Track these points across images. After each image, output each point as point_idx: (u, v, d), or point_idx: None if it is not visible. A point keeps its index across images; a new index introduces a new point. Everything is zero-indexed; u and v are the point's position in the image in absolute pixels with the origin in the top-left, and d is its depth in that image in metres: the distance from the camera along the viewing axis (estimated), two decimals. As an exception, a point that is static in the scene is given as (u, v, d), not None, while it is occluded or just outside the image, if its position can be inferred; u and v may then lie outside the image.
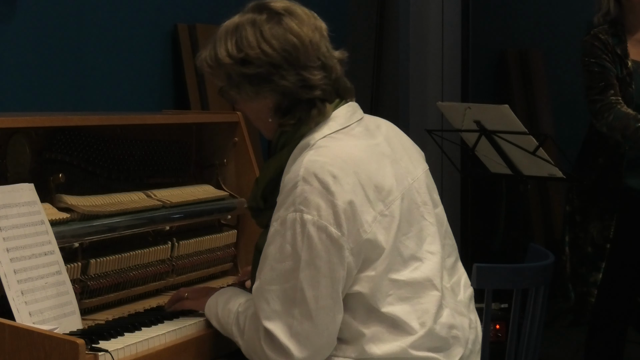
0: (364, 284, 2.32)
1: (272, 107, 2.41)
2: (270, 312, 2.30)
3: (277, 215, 2.32)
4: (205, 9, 5.14)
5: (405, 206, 2.39)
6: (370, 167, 2.35)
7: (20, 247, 2.36)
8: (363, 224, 2.30)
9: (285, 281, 2.29)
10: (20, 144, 2.60)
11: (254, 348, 2.36)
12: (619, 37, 4.08)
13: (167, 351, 2.41)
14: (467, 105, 4.30)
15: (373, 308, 2.33)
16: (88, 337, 2.29)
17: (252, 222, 3.22)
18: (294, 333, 2.29)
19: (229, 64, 2.38)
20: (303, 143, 2.38)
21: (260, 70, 2.36)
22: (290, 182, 2.31)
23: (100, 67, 4.44)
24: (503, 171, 4.32)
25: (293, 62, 2.36)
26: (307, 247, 2.27)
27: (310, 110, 2.39)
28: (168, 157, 3.11)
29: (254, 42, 2.36)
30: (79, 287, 2.60)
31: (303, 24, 2.38)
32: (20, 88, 4.00)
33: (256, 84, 2.38)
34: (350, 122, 2.42)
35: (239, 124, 3.24)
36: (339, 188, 2.28)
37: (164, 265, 2.91)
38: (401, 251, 2.36)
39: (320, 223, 2.26)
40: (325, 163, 2.30)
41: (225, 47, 2.39)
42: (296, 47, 2.36)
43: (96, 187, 2.80)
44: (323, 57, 2.39)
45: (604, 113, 4.02)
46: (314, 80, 2.37)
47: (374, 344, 2.33)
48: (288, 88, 2.37)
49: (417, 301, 2.36)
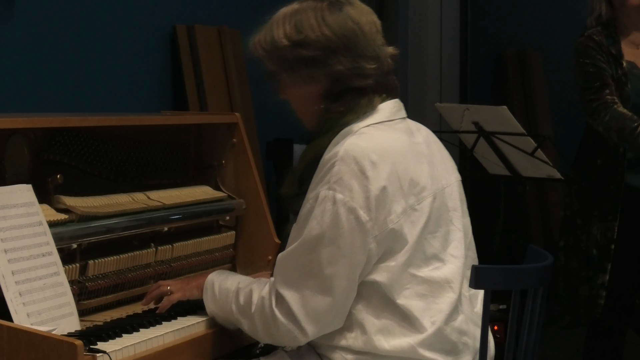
0: (383, 274, 2.34)
1: (322, 92, 2.44)
2: (287, 280, 2.33)
3: (312, 193, 2.35)
4: (204, 10, 5.14)
5: (436, 206, 2.42)
6: (409, 161, 2.39)
7: (18, 248, 2.36)
8: (391, 213, 2.33)
9: (307, 254, 2.32)
10: (18, 144, 2.60)
11: (262, 316, 2.37)
12: (612, 38, 4.08)
13: (165, 352, 2.41)
14: (466, 106, 4.30)
15: (388, 299, 2.34)
16: (86, 338, 2.29)
17: (250, 223, 3.23)
18: (304, 304, 2.32)
19: (286, 46, 2.42)
20: (346, 130, 2.42)
21: (318, 53, 2.40)
22: (328, 162, 2.34)
23: (99, 68, 4.44)
24: (501, 172, 4.32)
25: (350, 49, 2.40)
26: (333, 225, 2.30)
27: (361, 99, 2.43)
28: (166, 158, 3.10)
29: (315, 25, 2.40)
30: (77, 288, 2.60)
31: (362, 14, 2.44)
32: (18, 89, 3.99)
33: (311, 67, 2.41)
34: (394, 117, 2.47)
35: (237, 125, 3.24)
36: (375, 174, 2.31)
37: (162, 266, 2.91)
38: (425, 248, 2.39)
39: (351, 204, 2.30)
40: (365, 148, 2.34)
41: (284, 30, 2.43)
42: (355, 34, 2.41)
43: (94, 188, 2.80)
44: (378, 49, 2.44)
45: (600, 113, 4.02)
46: (368, 70, 2.42)
47: (383, 336, 2.34)
48: (342, 73, 2.40)
49: (432, 300, 2.38)
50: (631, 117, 3.96)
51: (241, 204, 3.22)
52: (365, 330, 2.35)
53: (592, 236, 4.13)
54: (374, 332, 2.35)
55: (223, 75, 5.15)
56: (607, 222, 4.09)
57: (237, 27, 5.22)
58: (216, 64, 5.11)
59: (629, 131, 3.96)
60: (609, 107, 3.99)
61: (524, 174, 4.27)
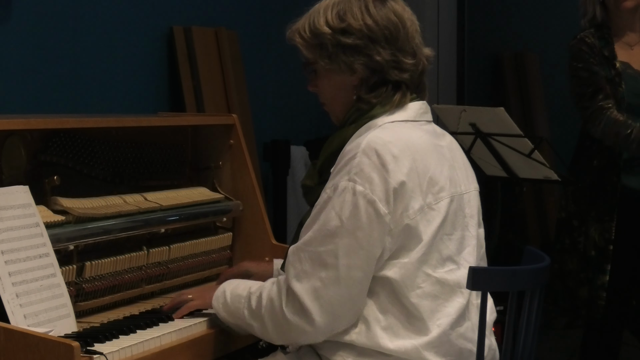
0: (395, 270, 2.34)
1: (357, 83, 2.45)
2: (300, 271, 2.33)
3: (331, 183, 2.36)
4: (201, 12, 5.14)
5: (453, 208, 2.42)
6: (430, 160, 2.40)
7: (15, 249, 2.35)
8: (409, 209, 2.33)
9: (322, 244, 2.32)
10: (15, 146, 2.60)
11: (273, 317, 2.36)
12: (605, 39, 4.09)
13: (162, 353, 2.40)
14: (463, 108, 4.30)
15: (397, 296, 2.34)
16: (83, 339, 2.29)
17: (247, 224, 3.24)
18: (318, 296, 2.31)
19: (327, 33, 2.44)
20: (371, 123, 2.44)
21: (359, 42, 2.42)
22: (350, 153, 2.35)
23: (96, 70, 4.44)
24: (499, 174, 4.32)
25: (391, 41, 2.43)
26: (352, 216, 2.30)
27: (394, 93, 2.45)
28: (164, 159, 3.10)
29: (358, 14, 2.43)
30: (74, 289, 2.59)
31: (405, 11, 2.49)
32: (15, 90, 3.99)
33: (351, 55, 2.43)
34: (420, 118, 2.48)
35: (234, 126, 3.24)
36: (395, 167, 2.32)
37: (159, 267, 2.91)
38: (441, 249, 2.39)
39: (370, 197, 2.30)
40: (388, 142, 2.35)
41: (325, 17, 2.45)
42: (397, 28, 2.44)
43: (91, 189, 2.79)
44: (416, 47, 2.47)
45: (595, 120, 4.02)
46: (406, 64, 2.44)
47: (387, 335, 2.34)
48: (380, 65, 2.43)
49: (442, 302, 2.38)
50: (625, 123, 3.97)
51: (238, 205, 3.21)
52: (370, 326, 2.35)
53: (589, 238, 4.13)
54: (379, 330, 2.34)
55: (220, 77, 5.15)
56: (604, 223, 4.09)
57: (234, 28, 5.22)
58: (213, 65, 5.11)
59: (623, 137, 3.97)
60: (603, 114, 4.00)
61: (521, 176, 4.27)
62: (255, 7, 5.35)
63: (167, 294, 2.90)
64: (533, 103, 7.13)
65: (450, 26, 6.66)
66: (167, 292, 2.93)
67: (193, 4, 5.09)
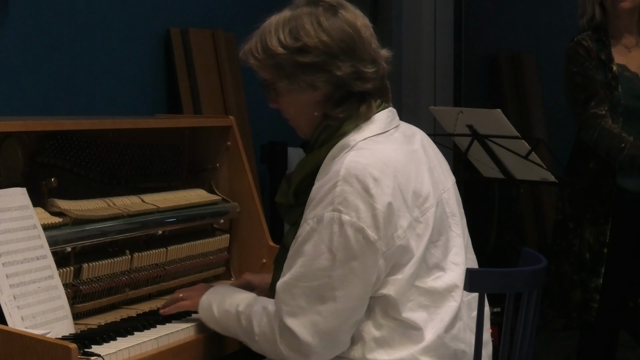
0: (390, 287, 2.33)
1: (320, 100, 2.40)
2: (295, 307, 2.30)
3: (312, 213, 2.32)
4: (198, 14, 5.14)
5: (439, 214, 2.40)
6: (410, 172, 2.37)
7: (12, 251, 2.35)
8: (398, 228, 2.31)
9: (316, 279, 2.29)
10: (12, 148, 2.60)
11: (270, 345, 2.35)
12: (602, 42, 4.09)
13: (159, 356, 2.40)
14: (460, 109, 4.30)
15: (392, 311, 2.33)
16: (80, 341, 2.29)
17: (244, 226, 3.23)
18: (318, 330, 2.29)
19: (282, 54, 2.38)
20: (343, 143, 2.39)
21: (317, 60, 2.37)
22: (329, 182, 2.31)
23: (93, 71, 4.44)
24: (496, 175, 4.32)
25: (349, 53, 2.37)
26: (343, 247, 2.27)
27: (360, 105, 2.40)
28: (161, 161, 3.10)
29: (311, 32, 2.37)
30: (72, 291, 2.59)
31: (357, 18, 2.42)
32: (12, 92, 3.99)
33: (310, 73, 2.38)
34: (389, 127, 2.44)
35: (231, 128, 3.24)
36: (379, 191, 2.29)
37: (156, 269, 2.91)
38: (427, 259, 2.37)
39: (358, 225, 2.27)
40: (367, 165, 2.30)
41: (278, 37, 2.39)
42: (352, 39, 2.38)
43: (89, 191, 2.79)
44: (374, 53, 2.42)
45: (589, 128, 4.03)
46: (368, 73, 2.39)
47: (383, 349, 2.34)
48: (342, 79, 2.38)
49: (434, 310, 2.37)
50: (619, 136, 3.97)
51: (235, 207, 3.21)
52: (365, 342, 2.35)
53: (584, 240, 4.14)
54: (373, 344, 2.34)
55: (217, 79, 5.15)
56: (599, 225, 4.09)
57: (231, 30, 5.23)
58: (210, 67, 5.11)
59: (616, 151, 3.97)
60: (598, 123, 4.00)
61: (518, 177, 4.27)
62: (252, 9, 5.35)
63: (164, 296, 2.90)
64: (530, 105, 7.13)
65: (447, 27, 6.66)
66: (164, 294, 2.92)
67: (190, 6, 5.09)
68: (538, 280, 2.48)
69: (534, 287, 2.47)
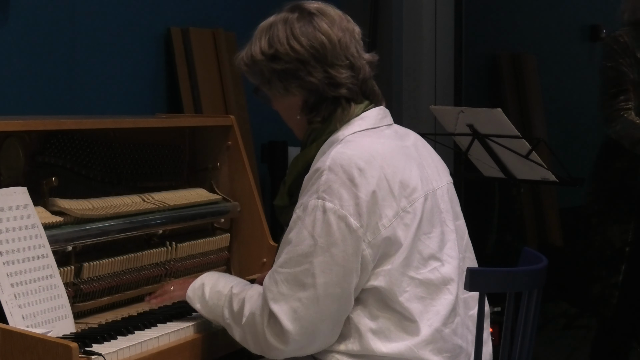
0: (381, 278, 2.34)
1: (301, 104, 2.46)
2: (277, 294, 2.33)
3: (300, 202, 2.36)
4: (199, 13, 5.14)
5: (428, 207, 2.42)
6: (397, 163, 2.39)
7: (13, 250, 2.36)
8: (383, 217, 2.33)
9: (298, 265, 2.32)
10: (13, 147, 2.60)
11: (253, 332, 2.37)
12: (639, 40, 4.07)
13: (160, 355, 2.41)
14: (460, 109, 4.30)
15: (388, 302, 2.34)
16: (81, 340, 2.29)
17: (245, 225, 3.24)
18: (297, 317, 2.31)
19: (261, 61, 2.45)
20: (332, 138, 2.44)
21: (289, 66, 2.42)
22: (316, 172, 2.35)
23: (94, 71, 4.44)
24: (496, 175, 4.32)
25: (320, 60, 2.42)
26: (325, 233, 2.30)
27: (336, 109, 2.45)
28: (161, 160, 3.11)
29: (283, 39, 2.43)
30: (72, 290, 2.60)
31: (334, 25, 2.44)
32: (13, 91, 3.99)
33: (284, 80, 2.44)
34: (380, 124, 2.48)
35: (232, 127, 3.24)
36: (363, 181, 2.32)
37: (157, 268, 2.91)
38: (421, 249, 2.39)
39: (341, 212, 2.30)
40: (353, 155, 2.34)
41: (259, 44, 2.46)
42: (324, 45, 2.42)
43: (89, 190, 2.80)
44: (352, 57, 2.45)
45: (612, 122, 4.03)
46: (340, 79, 2.43)
47: (379, 340, 2.35)
48: (314, 85, 2.42)
49: (430, 302, 2.38)
50: None
51: (236, 206, 3.22)
52: (362, 334, 2.35)
53: (607, 237, 4.13)
54: (371, 335, 2.35)
55: (218, 78, 5.15)
56: (622, 224, 4.09)
57: (232, 29, 5.22)
58: (211, 66, 5.11)
59: (637, 140, 3.97)
60: (621, 115, 4.00)
61: (518, 177, 4.27)
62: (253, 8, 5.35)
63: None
64: (530, 104, 7.13)
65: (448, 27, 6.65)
66: (165, 293, 2.93)
67: (190, 5, 5.09)
68: (539, 280, 2.48)
69: (534, 286, 2.47)
